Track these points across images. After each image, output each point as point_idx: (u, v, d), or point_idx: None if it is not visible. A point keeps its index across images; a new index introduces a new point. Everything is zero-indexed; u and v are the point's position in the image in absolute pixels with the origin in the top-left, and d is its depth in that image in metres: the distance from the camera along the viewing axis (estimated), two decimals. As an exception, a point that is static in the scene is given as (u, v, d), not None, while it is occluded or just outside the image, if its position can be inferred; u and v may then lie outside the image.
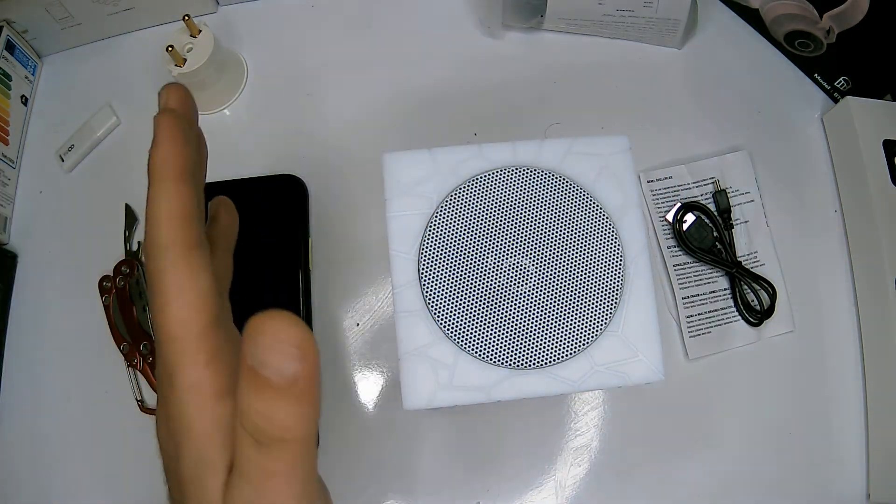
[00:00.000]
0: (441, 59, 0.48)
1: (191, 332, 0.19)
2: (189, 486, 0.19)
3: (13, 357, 0.44)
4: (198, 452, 0.19)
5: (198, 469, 0.19)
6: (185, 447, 0.19)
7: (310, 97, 0.48)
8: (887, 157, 0.43)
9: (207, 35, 0.44)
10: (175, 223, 0.20)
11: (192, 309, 0.20)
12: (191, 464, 0.19)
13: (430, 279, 0.29)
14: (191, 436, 0.19)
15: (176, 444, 0.20)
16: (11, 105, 0.47)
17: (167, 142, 0.22)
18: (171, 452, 0.21)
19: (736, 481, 0.41)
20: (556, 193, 0.30)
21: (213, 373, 0.19)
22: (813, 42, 0.45)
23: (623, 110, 0.47)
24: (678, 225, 0.43)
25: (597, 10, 0.45)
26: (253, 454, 0.17)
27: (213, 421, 0.19)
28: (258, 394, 0.16)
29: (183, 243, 0.20)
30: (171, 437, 0.21)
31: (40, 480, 0.41)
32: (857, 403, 0.42)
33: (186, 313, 0.19)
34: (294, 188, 0.44)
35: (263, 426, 0.17)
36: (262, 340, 0.16)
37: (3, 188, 0.46)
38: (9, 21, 0.46)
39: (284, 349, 0.16)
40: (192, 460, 0.19)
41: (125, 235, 0.45)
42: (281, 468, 0.17)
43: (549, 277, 0.29)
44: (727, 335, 0.42)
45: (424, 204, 0.30)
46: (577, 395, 0.41)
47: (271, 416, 0.17)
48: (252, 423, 0.17)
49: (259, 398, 0.16)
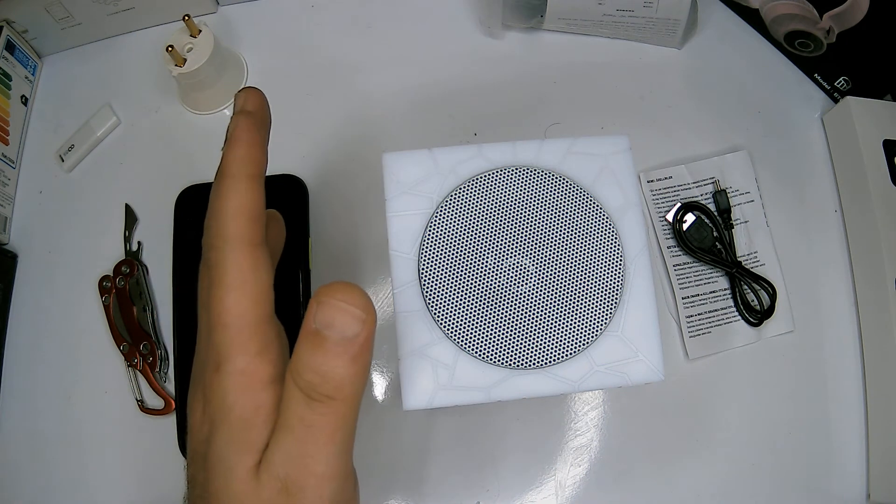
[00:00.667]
0: (441, 59, 0.48)
1: (247, 322, 0.21)
2: (217, 465, 0.20)
3: (13, 357, 0.44)
4: (234, 433, 0.20)
5: (230, 449, 0.20)
6: (222, 428, 0.20)
7: (310, 97, 0.48)
8: (887, 157, 0.43)
9: (207, 35, 0.44)
10: (243, 219, 0.22)
11: (251, 301, 0.21)
12: (224, 444, 0.20)
13: (430, 279, 0.29)
14: (230, 417, 0.20)
15: (211, 424, 0.21)
16: (11, 105, 0.47)
17: (244, 142, 0.23)
18: (202, 434, 0.21)
19: (736, 481, 0.41)
20: (556, 193, 0.30)
21: (261, 362, 0.21)
22: (813, 42, 0.45)
23: (623, 110, 0.47)
24: (678, 225, 0.43)
25: (597, 10, 0.45)
26: (302, 409, 0.19)
27: (255, 406, 0.20)
28: (318, 353, 0.18)
29: (249, 239, 0.21)
30: (206, 418, 0.21)
31: (40, 480, 0.41)
32: (857, 403, 0.42)
33: (245, 304, 0.21)
34: (294, 188, 0.44)
35: (318, 383, 0.19)
36: (330, 303, 0.18)
37: (3, 188, 0.46)
38: (9, 21, 0.46)
39: (350, 311, 0.18)
40: (226, 441, 0.20)
41: (125, 235, 0.45)
42: (326, 424, 0.19)
43: (549, 277, 0.29)
44: (727, 335, 0.42)
45: (424, 204, 0.30)
46: (577, 395, 0.41)
47: (327, 374, 0.19)
48: (307, 380, 0.19)
49: (318, 356, 0.18)
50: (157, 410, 0.41)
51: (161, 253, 0.44)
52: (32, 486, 0.41)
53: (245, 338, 0.21)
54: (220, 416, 0.20)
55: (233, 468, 0.19)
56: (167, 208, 0.44)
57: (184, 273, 0.43)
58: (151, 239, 0.45)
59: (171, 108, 0.48)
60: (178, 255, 0.43)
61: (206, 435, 0.21)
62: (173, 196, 0.44)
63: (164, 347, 0.42)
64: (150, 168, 0.47)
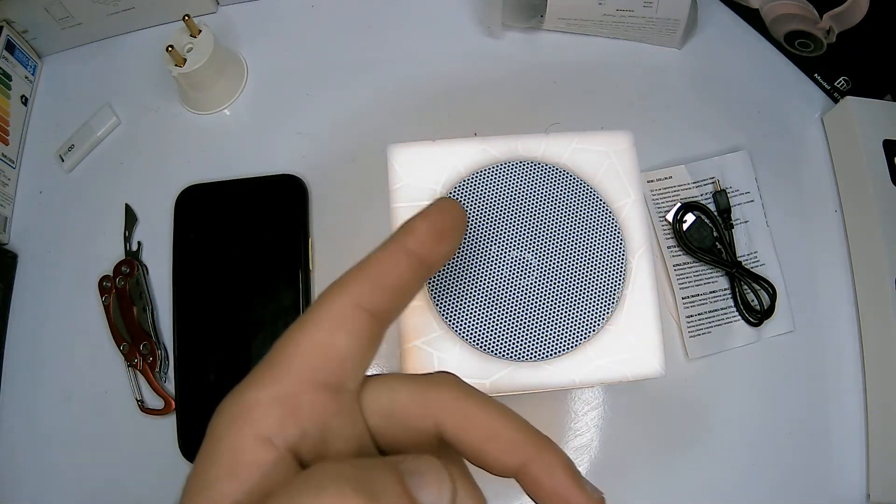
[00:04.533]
0: (441, 60, 0.48)
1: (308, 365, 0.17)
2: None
3: (13, 357, 0.44)
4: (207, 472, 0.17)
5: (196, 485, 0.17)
6: (201, 456, 0.17)
7: (310, 97, 0.48)
8: (887, 157, 0.43)
9: (207, 35, 0.44)
10: (383, 289, 0.19)
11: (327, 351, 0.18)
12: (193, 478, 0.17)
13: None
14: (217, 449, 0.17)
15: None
16: (11, 105, 0.47)
17: (435, 233, 0.20)
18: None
19: (736, 481, 0.41)
20: (559, 188, 0.30)
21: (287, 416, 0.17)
22: (813, 42, 0.45)
23: (623, 110, 0.47)
24: (678, 225, 0.43)
25: (597, 10, 0.45)
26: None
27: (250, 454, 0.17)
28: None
29: (370, 307, 0.18)
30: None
31: (40, 480, 0.41)
32: (857, 403, 0.42)
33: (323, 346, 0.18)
34: (294, 188, 0.44)
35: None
36: (433, 471, 0.15)
37: (3, 188, 0.46)
38: (9, 21, 0.46)
39: (448, 489, 0.15)
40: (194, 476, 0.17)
41: (125, 235, 0.45)
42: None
43: (551, 271, 0.29)
44: (727, 335, 0.42)
45: (429, 196, 0.30)
46: (577, 395, 0.41)
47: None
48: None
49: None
50: (157, 410, 0.41)
51: (161, 253, 0.44)
52: (32, 486, 0.41)
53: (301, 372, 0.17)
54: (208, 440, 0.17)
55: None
56: (167, 208, 0.44)
57: (184, 273, 0.43)
58: (151, 239, 0.45)
59: (171, 108, 0.48)
60: (178, 255, 0.43)
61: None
62: (173, 196, 0.44)
63: (164, 347, 0.42)
64: (150, 168, 0.47)
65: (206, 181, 0.45)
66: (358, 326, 0.18)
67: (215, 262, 0.43)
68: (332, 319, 0.18)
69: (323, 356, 0.17)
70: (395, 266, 0.19)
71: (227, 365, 0.41)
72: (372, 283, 0.19)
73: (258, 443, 0.16)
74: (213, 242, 0.43)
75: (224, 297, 0.42)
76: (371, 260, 0.20)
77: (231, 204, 0.44)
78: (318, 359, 0.17)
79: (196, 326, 0.42)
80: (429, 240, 0.20)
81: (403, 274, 0.19)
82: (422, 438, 0.18)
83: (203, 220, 0.44)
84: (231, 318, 0.42)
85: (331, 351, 0.18)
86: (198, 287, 0.43)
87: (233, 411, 0.17)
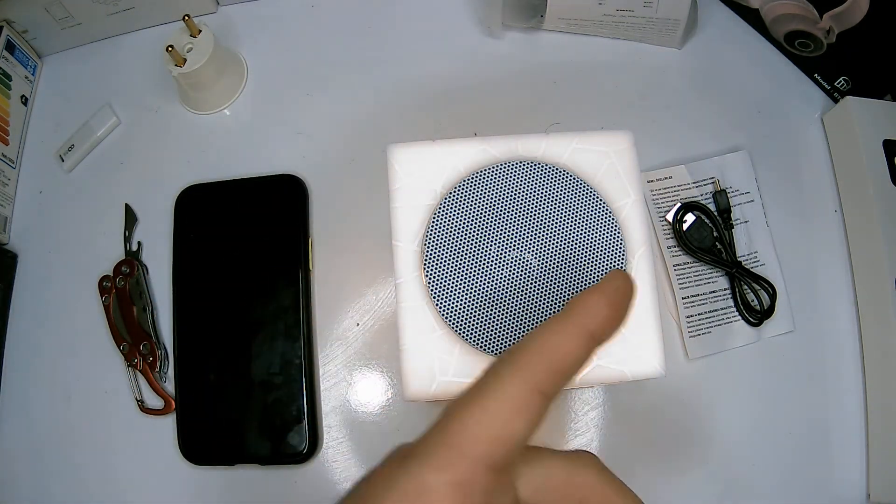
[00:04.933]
0: (441, 60, 0.48)
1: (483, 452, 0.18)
2: None
3: (13, 357, 0.44)
4: None
5: None
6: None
7: (310, 97, 0.48)
8: (887, 157, 0.43)
9: (207, 35, 0.44)
10: (557, 373, 0.19)
11: (493, 432, 0.18)
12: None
13: (434, 271, 0.29)
14: None
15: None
16: (11, 105, 0.47)
17: (613, 311, 0.20)
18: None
19: (736, 481, 0.41)
20: (559, 187, 0.30)
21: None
22: (813, 42, 0.45)
23: (623, 110, 0.47)
24: (678, 225, 0.43)
25: (597, 10, 0.45)
26: None
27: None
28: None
29: (546, 391, 0.19)
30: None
31: (40, 480, 0.41)
32: (857, 403, 0.42)
33: (488, 432, 0.18)
34: (294, 188, 0.44)
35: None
36: None
37: (3, 188, 0.46)
38: (9, 21, 0.46)
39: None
40: None
41: (125, 235, 0.45)
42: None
43: (551, 271, 0.29)
44: (727, 335, 0.42)
45: (428, 196, 0.30)
46: (577, 395, 0.41)
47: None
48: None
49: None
50: (157, 410, 0.41)
51: (161, 253, 0.44)
52: (32, 486, 0.41)
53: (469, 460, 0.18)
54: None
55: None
56: (167, 208, 0.44)
57: (184, 273, 0.43)
58: (151, 239, 0.45)
59: (171, 108, 0.48)
60: (178, 255, 0.43)
61: None
62: (173, 196, 0.44)
63: (164, 347, 0.42)
64: (150, 168, 0.47)
65: (206, 181, 0.45)
66: (535, 412, 0.19)
67: (215, 262, 0.43)
68: (511, 405, 0.18)
69: (501, 444, 0.18)
70: (575, 350, 0.19)
71: (227, 365, 0.41)
72: (551, 367, 0.19)
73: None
74: (213, 242, 0.43)
75: (224, 297, 0.42)
76: (550, 342, 0.19)
77: (231, 204, 0.44)
78: (496, 446, 0.18)
79: (196, 326, 0.42)
80: (607, 321, 0.20)
81: (582, 357, 0.19)
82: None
83: (203, 220, 0.44)
84: (231, 318, 0.42)
85: (509, 438, 0.18)
86: (198, 287, 0.43)
87: (409, 492, 0.17)
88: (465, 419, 0.18)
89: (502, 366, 0.19)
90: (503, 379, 0.18)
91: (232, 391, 0.41)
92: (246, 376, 0.41)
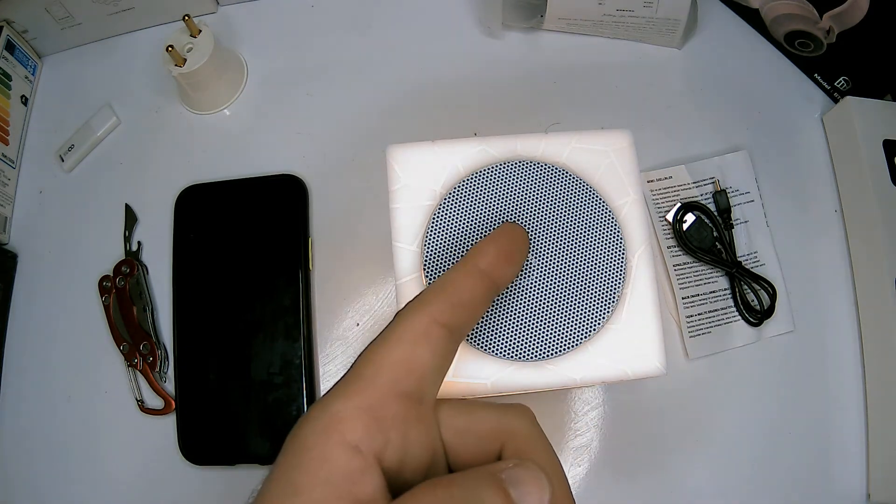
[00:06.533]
0: (441, 60, 0.48)
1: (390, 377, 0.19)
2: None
3: (13, 357, 0.44)
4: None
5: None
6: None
7: (310, 97, 0.48)
8: (887, 157, 0.43)
9: (207, 35, 0.44)
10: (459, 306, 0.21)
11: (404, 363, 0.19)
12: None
13: (434, 272, 0.29)
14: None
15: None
16: (11, 105, 0.47)
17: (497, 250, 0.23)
18: None
19: (736, 481, 0.41)
20: (559, 187, 0.30)
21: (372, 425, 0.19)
22: (813, 42, 0.45)
23: (623, 110, 0.47)
24: (678, 225, 0.43)
25: (597, 10, 0.45)
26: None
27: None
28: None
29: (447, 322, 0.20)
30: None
31: (40, 480, 0.41)
32: (857, 403, 0.42)
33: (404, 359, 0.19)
34: (294, 188, 0.44)
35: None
36: (535, 476, 0.18)
37: (3, 188, 0.46)
38: (9, 21, 0.46)
39: (546, 493, 0.18)
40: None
41: (125, 235, 0.45)
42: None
43: (551, 271, 0.29)
44: (727, 335, 0.42)
45: (428, 196, 0.30)
46: (577, 395, 0.41)
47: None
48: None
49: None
50: (157, 410, 0.41)
51: (161, 253, 0.44)
52: (32, 486, 0.41)
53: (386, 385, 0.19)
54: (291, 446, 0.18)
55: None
56: (167, 208, 0.44)
57: (184, 273, 0.43)
58: (151, 239, 0.45)
59: (171, 108, 0.48)
60: (178, 255, 0.43)
61: None
62: (173, 196, 0.45)
63: (164, 347, 0.42)
64: (150, 168, 0.47)
65: (206, 181, 0.45)
66: (436, 341, 0.20)
67: (215, 262, 0.43)
68: (413, 335, 0.19)
69: (406, 369, 0.19)
70: (469, 285, 0.21)
71: (227, 365, 0.41)
72: (449, 300, 0.20)
73: (347, 451, 0.17)
74: (213, 242, 0.43)
75: (224, 296, 0.42)
76: (447, 280, 0.21)
77: (231, 204, 0.44)
78: (401, 371, 0.19)
79: (196, 326, 0.42)
80: (498, 261, 0.23)
81: (476, 292, 0.21)
82: (485, 455, 0.20)
83: (203, 220, 0.44)
84: (231, 318, 0.42)
85: (413, 364, 0.19)
86: (198, 287, 0.43)
87: (321, 421, 0.18)
88: (371, 352, 0.19)
89: (408, 304, 0.21)
90: (407, 313, 0.20)
91: (232, 391, 0.41)
92: (246, 376, 0.41)
